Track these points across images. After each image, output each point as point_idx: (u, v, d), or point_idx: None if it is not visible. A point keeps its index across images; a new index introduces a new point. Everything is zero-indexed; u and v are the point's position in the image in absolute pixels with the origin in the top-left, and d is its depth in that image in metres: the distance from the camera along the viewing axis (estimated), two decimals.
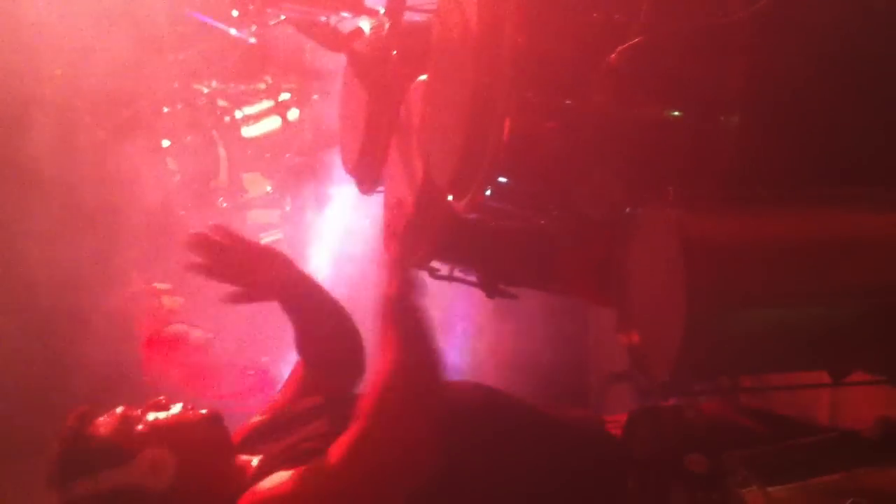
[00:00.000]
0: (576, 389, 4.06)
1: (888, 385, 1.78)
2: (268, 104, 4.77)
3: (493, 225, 2.08)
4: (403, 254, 2.01)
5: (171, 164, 4.46)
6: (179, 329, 4.24)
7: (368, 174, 2.51)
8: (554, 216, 1.89)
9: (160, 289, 4.28)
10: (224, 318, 4.14)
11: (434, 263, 2.35)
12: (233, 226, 2.44)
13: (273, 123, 4.76)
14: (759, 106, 1.72)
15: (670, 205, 1.65)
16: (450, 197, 1.88)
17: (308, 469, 1.88)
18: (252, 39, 4.78)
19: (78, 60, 4.20)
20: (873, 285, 1.65)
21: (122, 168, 4.19)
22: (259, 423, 2.24)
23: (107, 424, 2.04)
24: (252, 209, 4.75)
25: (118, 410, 2.07)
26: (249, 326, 4.09)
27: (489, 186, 1.76)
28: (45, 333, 4.01)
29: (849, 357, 1.72)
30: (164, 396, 2.12)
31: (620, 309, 1.75)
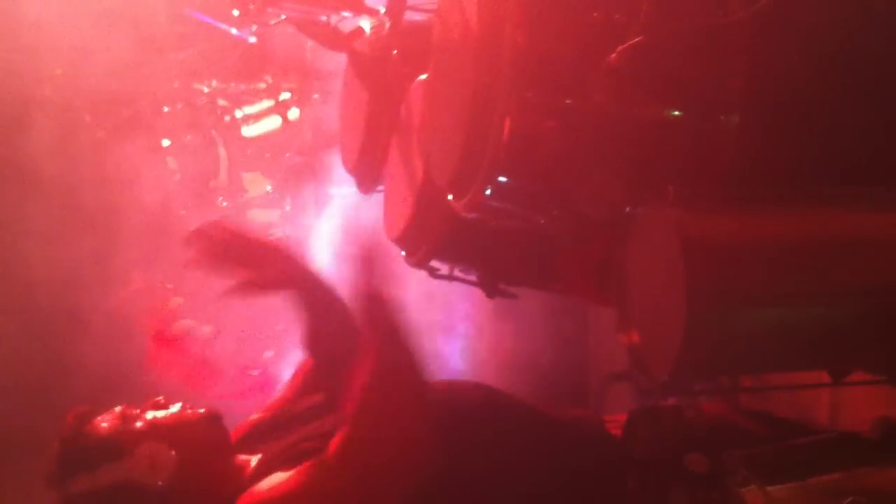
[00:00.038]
0: (576, 389, 4.06)
1: (888, 385, 1.78)
2: (268, 104, 4.77)
3: (493, 224, 2.08)
4: (371, 258, 1.97)
5: (172, 163, 4.45)
6: (187, 325, 4.24)
7: (368, 174, 2.52)
8: (554, 216, 1.89)
9: (169, 288, 4.28)
10: (224, 318, 4.14)
11: (434, 263, 2.35)
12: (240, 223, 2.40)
13: (273, 123, 4.75)
14: (759, 106, 1.72)
15: (670, 205, 1.65)
16: (450, 196, 1.88)
17: (304, 471, 1.88)
18: (252, 39, 4.78)
19: (78, 60, 4.20)
20: (873, 285, 1.65)
21: (123, 168, 4.18)
22: (259, 420, 2.24)
23: (105, 422, 2.05)
24: (252, 209, 4.74)
25: (117, 410, 2.08)
26: (249, 326, 4.10)
27: (489, 186, 1.76)
28: (44, 333, 4.00)
29: (849, 357, 1.72)
30: (162, 397, 2.12)
31: (620, 309, 1.75)
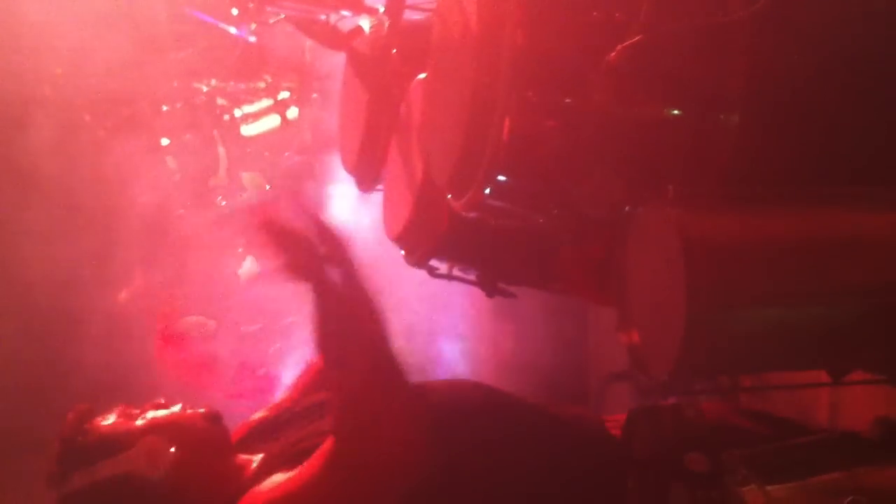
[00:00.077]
0: (576, 389, 4.07)
1: (888, 385, 1.78)
2: (267, 103, 4.77)
3: (492, 224, 2.07)
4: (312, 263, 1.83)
5: (171, 162, 4.46)
6: (192, 321, 4.25)
7: (368, 173, 2.51)
8: (554, 216, 1.88)
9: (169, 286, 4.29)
10: (224, 318, 4.14)
11: (433, 262, 2.35)
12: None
13: (272, 122, 4.76)
14: (759, 106, 1.72)
15: (670, 204, 1.65)
16: (449, 196, 1.88)
17: (303, 471, 1.87)
18: (252, 38, 4.78)
19: (78, 60, 4.20)
20: (873, 285, 1.65)
21: (122, 167, 4.19)
22: (262, 419, 2.24)
23: (106, 421, 2.05)
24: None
25: (117, 409, 2.08)
26: (256, 321, 4.10)
27: (489, 185, 1.76)
28: (44, 333, 4.01)
29: (849, 357, 1.72)
30: (163, 399, 2.12)
31: (620, 308, 1.75)
